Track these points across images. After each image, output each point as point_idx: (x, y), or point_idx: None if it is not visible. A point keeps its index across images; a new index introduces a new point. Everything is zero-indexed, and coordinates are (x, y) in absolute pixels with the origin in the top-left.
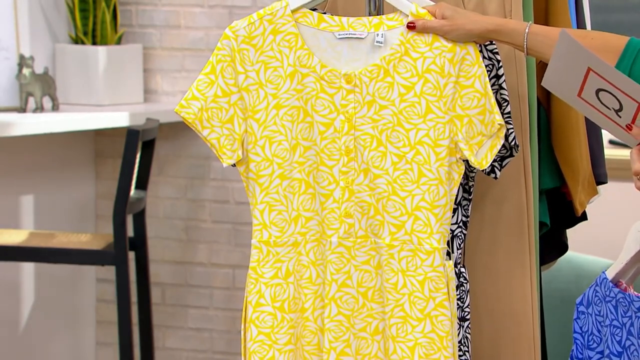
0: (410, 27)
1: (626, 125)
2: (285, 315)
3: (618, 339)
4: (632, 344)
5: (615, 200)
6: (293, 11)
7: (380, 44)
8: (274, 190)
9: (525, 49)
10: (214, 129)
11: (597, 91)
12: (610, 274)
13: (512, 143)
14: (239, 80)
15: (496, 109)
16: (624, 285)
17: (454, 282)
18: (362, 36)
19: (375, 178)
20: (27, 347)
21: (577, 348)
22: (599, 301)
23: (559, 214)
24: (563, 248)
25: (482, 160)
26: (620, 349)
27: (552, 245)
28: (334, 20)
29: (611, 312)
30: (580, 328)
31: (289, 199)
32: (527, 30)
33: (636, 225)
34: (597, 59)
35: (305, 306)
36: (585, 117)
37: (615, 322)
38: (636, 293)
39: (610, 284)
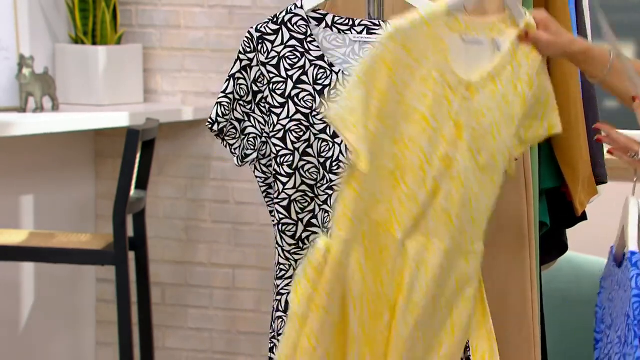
0: (523, 38)
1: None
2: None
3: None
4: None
5: (615, 200)
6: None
7: (499, 51)
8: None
9: (604, 82)
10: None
11: None
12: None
13: None
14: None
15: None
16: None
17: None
18: (482, 42)
19: (457, 187)
20: (27, 347)
21: (596, 323)
22: (608, 276)
23: (559, 214)
24: (563, 248)
25: (554, 127)
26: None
27: (552, 245)
28: (459, 24)
29: (613, 289)
30: (601, 302)
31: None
32: (609, 66)
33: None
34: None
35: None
36: (585, 117)
37: (610, 297)
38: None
39: (612, 257)
